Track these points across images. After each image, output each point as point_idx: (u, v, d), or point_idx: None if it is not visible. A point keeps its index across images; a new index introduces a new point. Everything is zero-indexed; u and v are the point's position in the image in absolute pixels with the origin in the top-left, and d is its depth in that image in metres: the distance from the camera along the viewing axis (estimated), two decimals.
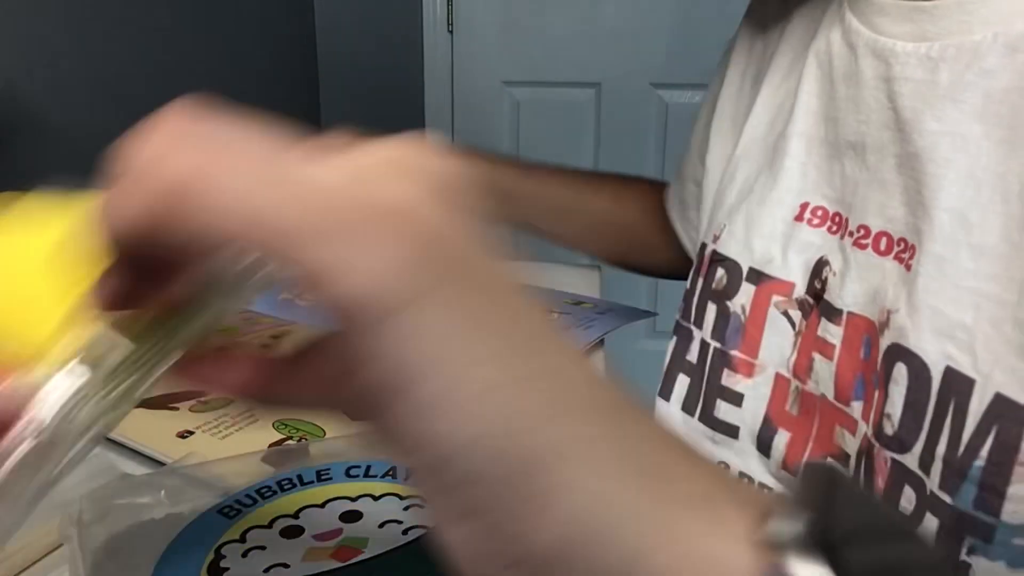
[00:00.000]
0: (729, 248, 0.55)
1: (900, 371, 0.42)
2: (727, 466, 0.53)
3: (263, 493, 0.45)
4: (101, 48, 1.22)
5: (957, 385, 0.39)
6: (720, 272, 0.56)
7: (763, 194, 0.53)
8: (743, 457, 0.53)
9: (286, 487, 0.46)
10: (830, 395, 0.47)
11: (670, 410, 0.57)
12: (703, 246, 0.59)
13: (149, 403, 0.58)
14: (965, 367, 0.39)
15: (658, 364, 0.59)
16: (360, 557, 0.40)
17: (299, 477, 0.47)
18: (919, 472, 0.41)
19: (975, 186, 0.40)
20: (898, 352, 0.42)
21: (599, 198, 0.80)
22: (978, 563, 0.38)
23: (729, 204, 0.57)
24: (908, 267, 0.43)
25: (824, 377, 0.48)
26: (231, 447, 0.52)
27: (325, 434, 0.54)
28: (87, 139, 1.19)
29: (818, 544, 0.21)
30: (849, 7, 0.49)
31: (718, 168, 0.62)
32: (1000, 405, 0.37)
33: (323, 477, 0.47)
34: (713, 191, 0.61)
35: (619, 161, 2.11)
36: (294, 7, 1.83)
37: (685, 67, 2.05)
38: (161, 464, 0.52)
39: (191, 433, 0.54)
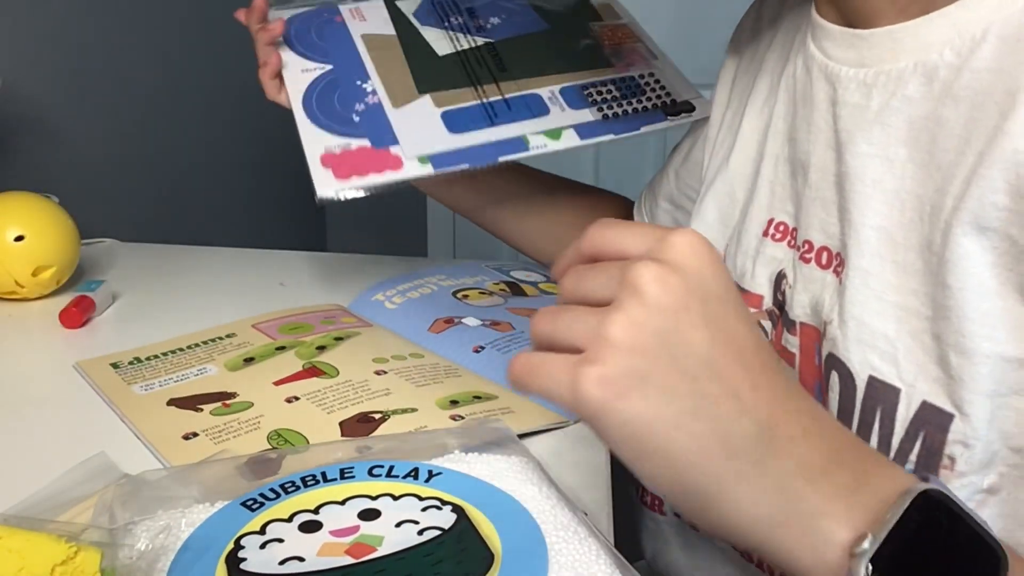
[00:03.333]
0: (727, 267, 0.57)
1: (834, 379, 0.45)
2: None
3: (286, 488, 0.46)
4: (101, 48, 1.24)
5: (882, 393, 0.42)
6: None
7: (744, 212, 0.55)
8: None
9: (309, 483, 0.47)
10: None
11: None
12: None
13: (179, 402, 0.60)
14: (889, 377, 0.42)
15: None
16: (373, 555, 0.41)
17: (323, 474, 0.48)
18: None
19: (900, 206, 0.43)
20: (833, 361, 0.45)
21: (572, 203, 0.84)
22: None
23: (733, 223, 0.59)
24: (841, 280, 0.46)
25: None
26: (225, 454, 0.53)
27: (308, 443, 0.55)
28: (87, 139, 1.22)
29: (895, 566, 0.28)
30: (810, 33, 0.51)
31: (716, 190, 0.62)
32: (926, 412, 0.40)
33: (346, 475, 0.48)
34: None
35: (619, 161, 2.09)
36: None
37: (684, 68, 2.01)
38: (162, 464, 0.53)
39: (195, 435, 0.56)
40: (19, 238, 0.78)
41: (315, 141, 0.68)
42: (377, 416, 0.58)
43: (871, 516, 0.31)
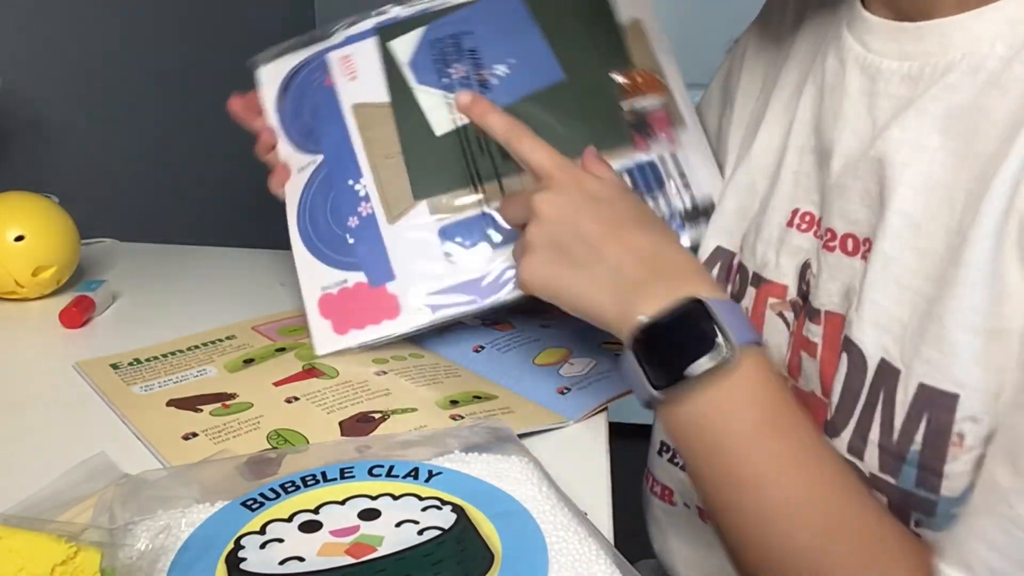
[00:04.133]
0: (745, 257, 0.58)
1: (843, 360, 0.45)
2: None
3: (286, 488, 0.46)
4: (101, 48, 1.24)
5: (888, 376, 0.43)
6: (738, 278, 0.58)
7: (765, 203, 0.56)
8: None
9: (309, 483, 0.47)
10: (818, 391, 0.49)
11: None
12: (731, 254, 0.60)
13: (178, 403, 0.60)
14: (895, 359, 0.43)
15: None
16: (373, 555, 0.41)
17: (323, 474, 0.48)
18: (849, 456, 0.44)
19: (927, 193, 0.43)
20: (847, 344, 0.46)
21: None
22: (925, 534, 0.42)
23: (752, 215, 0.59)
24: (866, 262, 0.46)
25: (811, 374, 0.50)
26: (224, 454, 0.53)
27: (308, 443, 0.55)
28: (87, 139, 1.22)
29: None
30: (847, 26, 0.52)
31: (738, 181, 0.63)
32: (925, 394, 0.41)
33: (346, 475, 0.48)
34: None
35: None
36: (296, 6, 1.84)
37: (684, 68, 2.00)
38: (162, 464, 0.53)
39: (195, 435, 0.56)
40: (19, 238, 0.78)
41: (312, 281, 0.68)
42: (377, 416, 0.58)
43: (660, 307, 0.45)
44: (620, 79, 0.68)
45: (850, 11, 0.52)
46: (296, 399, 0.61)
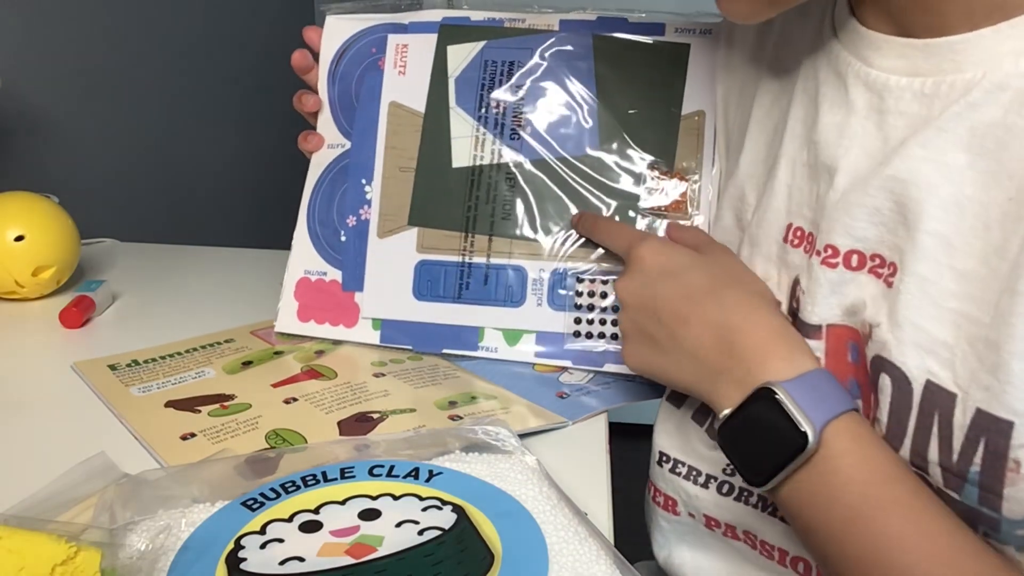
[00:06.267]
0: None
1: (884, 381, 0.45)
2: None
3: (287, 488, 0.46)
4: (101, 48, 1.24)
5: (939, 398, 0.42)
6: None
7: (760, 216, 0.55)
8: None
9: (309, 483, 0.47)
10: None
11: (682, 417, 0.58)
12: None
13: (177, 404, 0.60)
14: (946, 382, 0.42)
15: None
16: (373, 555, 0.41)
17: (323, 474, 0.48)
18: (915, 470, 0.44)
19: (958, 212, 0.43)
20: (881, 364, 0.45)
21: None
22: (993, 545, 0.41)
23: (734, 228, 0.58)
24: (888, 283, 0.45)
25: None
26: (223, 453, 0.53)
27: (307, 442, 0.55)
28: (87, 139, 1.22)
29: None
30: (839, 40, 0.51)
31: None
32: (983, 419, 0.40)
33: (346, 475, 0.48)
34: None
35: None
36: (294, 5, 1.84)
37: None
38: (160, 465, 0.53)
39: (193, 436, 0.56)
40: (19, 238, 0.78)
41: (299, 259, 0.72)
42: (376, 416, 0.58)
43: (739, 399, 0.46)
44: (652, 176, 0.65)
45: (840, 24, 0.51)
46: (295, 400, 0.61)
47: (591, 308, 0.65)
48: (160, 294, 0.85)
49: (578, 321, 0.65)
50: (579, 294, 0.65)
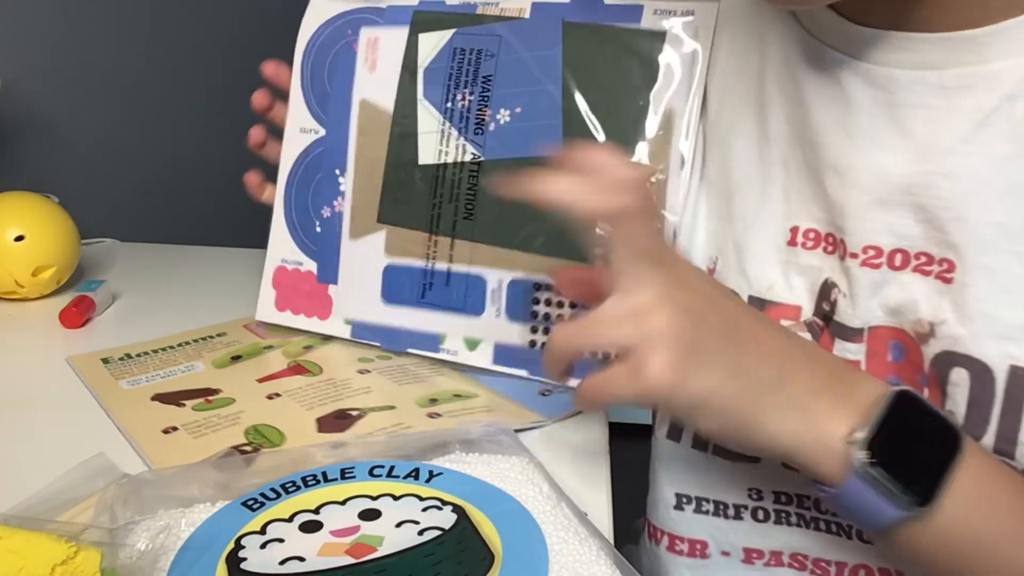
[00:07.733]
0: (728, 280, 0.54)
1: (959, 374, 0.44)
2: (757, 491, 0.53)
3: (287, 488, 0.46)
4: (101, 48, 1.23)
5: None
6: None
7: (748, 221, 0.53)
8: (770, 476, 0.52)
9: (310, 483, 0.47)
10: None
11: (685, 451, 0.56)
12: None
13: (163, 397, 0.60)
14: None
15: None
16: (373, 555, 0.41)
17: (323, 474, 0.48)
18: (999, 457, 0.43)
19: (1013, 200, 0.43)
20: (952, 359, 0.45)
21: None
22: None
23: (718, 234, 0.56)
24: (945, 280, 0.45)
25: None
26: (202, 447, 0.53)
27: (285, 440, 0.55)
28: (87, 139, 1.22)
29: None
30: (816, 35, 0.50)
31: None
32: None
33: (347, 475, 0.48)
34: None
35: None
36: (295, 6, 1.85)
37: None
38: (140, 457, 0.53)
39: (175, 429, 0.56)
40: (19, 238, 0.78)
41: (277, 248, 0.73)
42: (355, 413, 0.58)
43: (861, 414, 0.40)
44: None
45: (814, 21, 0.50)
46: (278, 395, 0.61)
47: (547, 317, 0.63)
48: (160, 294, 0.85)
49: (534, 331, 0.64)
50: (536, 301, 0.63)
